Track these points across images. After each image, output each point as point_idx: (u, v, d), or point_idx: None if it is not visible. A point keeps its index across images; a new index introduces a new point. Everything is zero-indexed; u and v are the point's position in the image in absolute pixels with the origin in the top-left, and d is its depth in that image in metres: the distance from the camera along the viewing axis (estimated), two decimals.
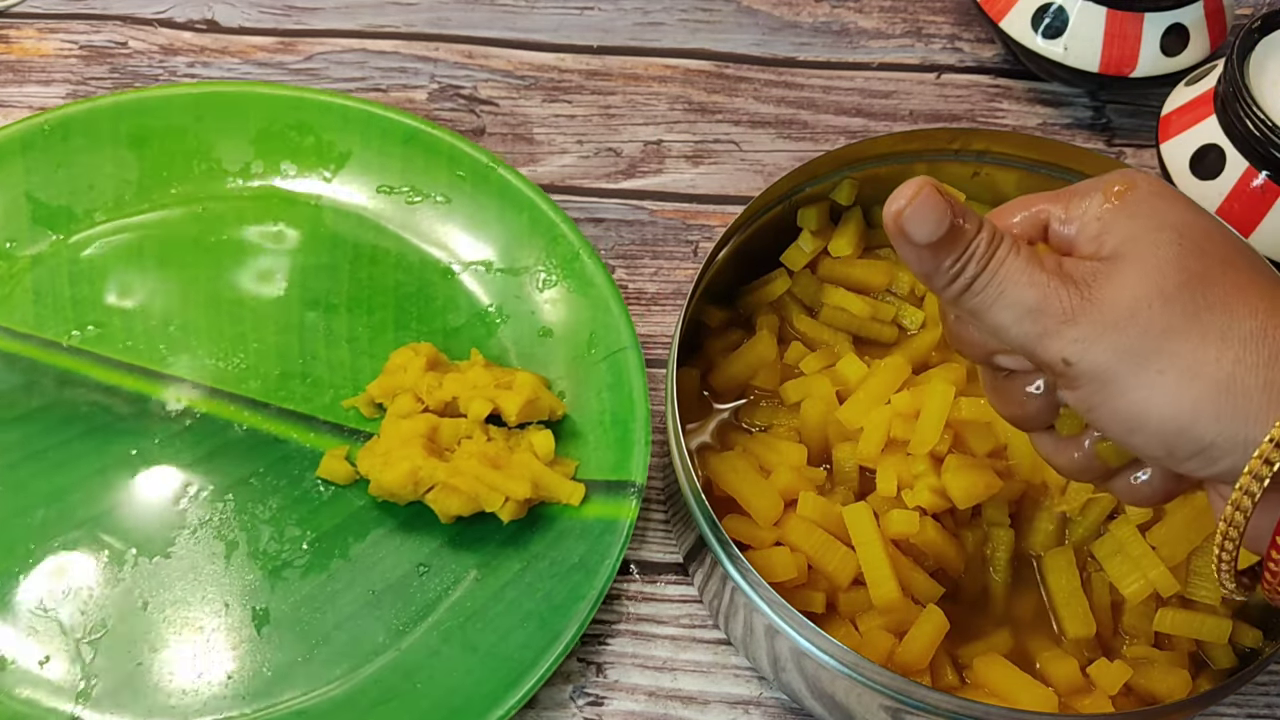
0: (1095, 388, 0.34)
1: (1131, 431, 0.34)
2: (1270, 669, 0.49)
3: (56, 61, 0.66)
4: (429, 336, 0.55)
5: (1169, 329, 0.32)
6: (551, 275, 0.56)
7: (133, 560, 0.49)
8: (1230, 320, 0.32)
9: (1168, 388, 0.32)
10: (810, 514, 0.46)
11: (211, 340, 0.54)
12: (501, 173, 0.57)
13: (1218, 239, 0.34)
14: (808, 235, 0.53)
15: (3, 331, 0.54)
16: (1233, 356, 0.32)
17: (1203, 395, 0.32)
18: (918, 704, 0.40)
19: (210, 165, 0.59)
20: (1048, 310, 0.33)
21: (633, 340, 0.52)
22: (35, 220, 0.57)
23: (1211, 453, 0.33)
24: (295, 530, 0.50)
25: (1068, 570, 0.46)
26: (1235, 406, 0.32)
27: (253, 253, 0.57)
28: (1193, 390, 0.32)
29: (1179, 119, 0.58)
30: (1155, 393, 0.32)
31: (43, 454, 0.51)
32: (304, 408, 0.53)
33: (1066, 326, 0.33)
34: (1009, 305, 0.34)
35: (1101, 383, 0.33)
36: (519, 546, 0.49)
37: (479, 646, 0.47)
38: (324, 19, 0.68)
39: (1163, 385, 0.32)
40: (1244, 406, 0.32)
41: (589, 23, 0.69)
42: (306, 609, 0.48)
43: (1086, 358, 0.33)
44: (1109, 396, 0.33)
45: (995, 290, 0.34)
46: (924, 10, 0.71)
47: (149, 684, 0.46)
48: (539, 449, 0.50)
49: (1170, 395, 0.32)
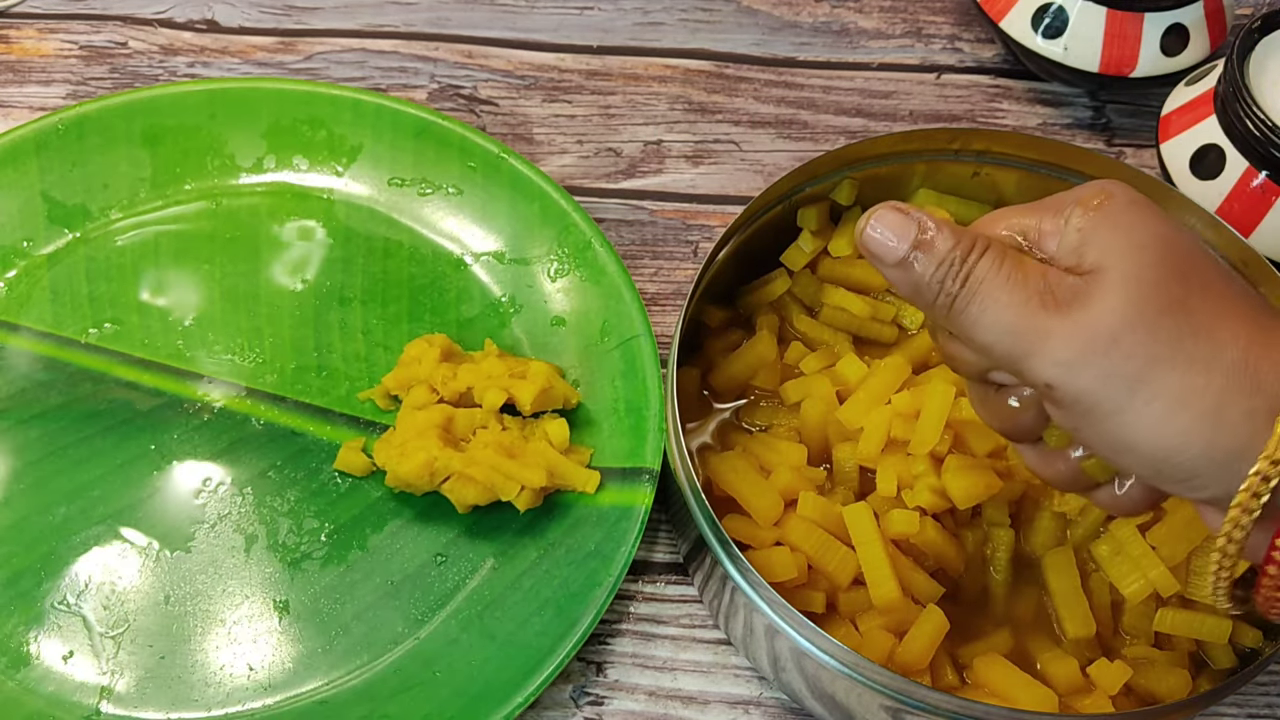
0: (1080, 410, 0.34)
1: (1119, 454, 0.34)
2: (1270, 669, 0.49)
3: (56, 61, 0.66)
4: (443, 328, 0.55)
5: (1155, 358, 0.32)
6: (564, 264, 0.56)
7: (154, 555, 0.49)
8: (1214, 349, 0.32)
9: (1156, 417, 0.32)
10: (810, 514, 0.46)
11: (228, 335, 0.55)
12: (513, 163, 0.57)
13: (1197, 259, 0.34)
14: (808, 235, 0.53)
15: (22, 330, 0.54)
16: (1219, 385, 0.32)
17: (1191, 426, 0.32)
18: (918, 704, 0.40)
19: (223, 161, 0.59)
20: (1028, 331, 0.33)
21: (645, 328, 0.52)
22: (51, 219, 0.57)
23: (1199, 480, 0.33)
24: (314, 522, 0.50)
25: (1068, 570, 0.46)
26: (1222, 436, 0.32)
27: (267, 247, 0.57)
28: (1181, 420, 0.32)
29: (1179, 119, 0.58)
30: (1144, 421, 0.33)
31: (63, 451, 0.51)
32: (320, 401, 0.53)
33: (1049, 348, 0.33)
34: (990, 325, 0.34)
35: (1086, 407, 0.33)
36: (535, 535, 0.49)
37: (497, 634, 0.47)
38: (324, 19, 0.68)
39: (1150, 415, 0.32)
40: (1230, 436, 0.32)
41: (589, 23, 0.69)
42: (326, 600, 0.48)
43: (1070, 383, 0.33)
44: (1095, 420, 0.33)
45: (977, 309, 0.34)
46: (924, 10, 0.71)
47: (172, 677, 0.47)
48: (554, 437, 0.50)
49: (1159, 424, 0.32)
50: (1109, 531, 0.47)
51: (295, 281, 0.56)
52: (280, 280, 0.56)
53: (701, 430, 0.51)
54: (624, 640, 0.49)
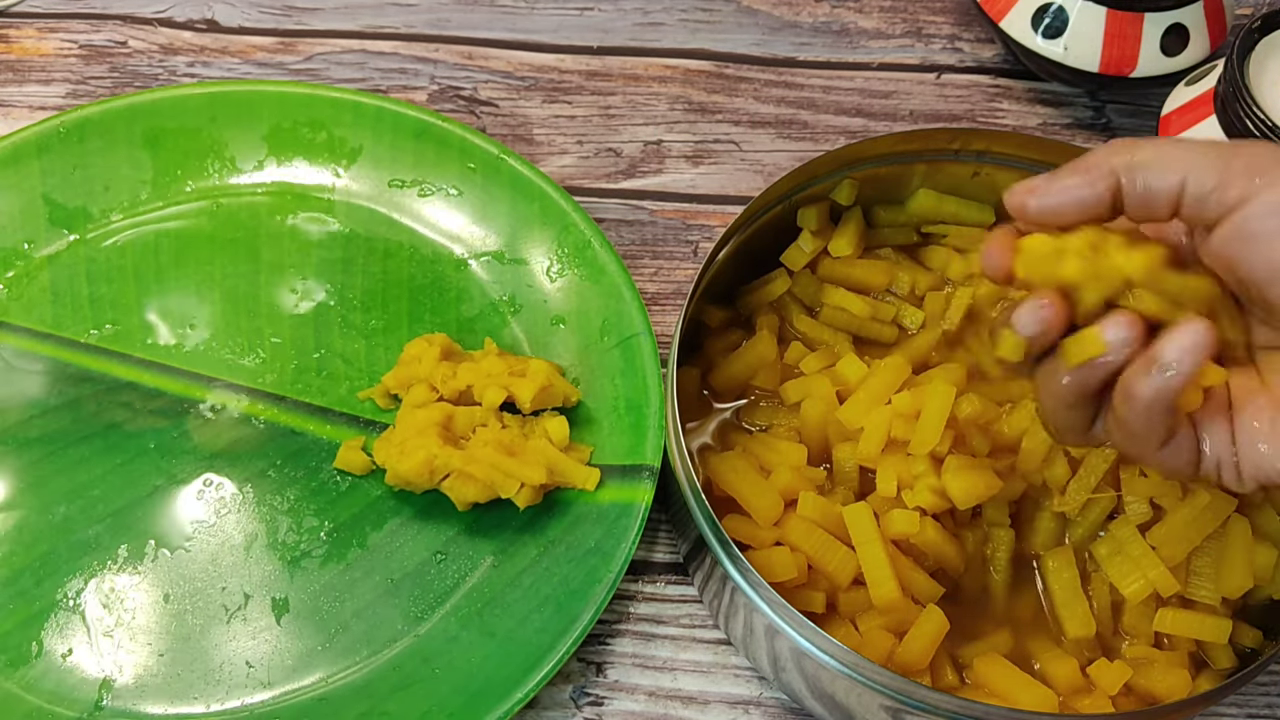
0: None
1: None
2: (1270, 669, 0.49)
3: (56, 61, 0.66)
4: (443, 328, 0.55)
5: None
6: (563, 264, 0.56)
7: (153, 553, 0.49)
8: None
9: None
10: (810, 514, 0.46)
11: (228, 335, 0.55)
12: (512, 163, 0.57)
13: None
14: (808, 235, 0.53)
15: (22, 331, 0.55)
16: None
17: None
18: (918, 704, 0.40)
19: (224, 163, 0.59)
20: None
21: (645, 326, 0.53)
22: (53, 221, 0.57)
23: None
24: (313, 520, 0.50)
25: (1068, 570, 0.46)
26: None
27: (268, 248, 0.57)
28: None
29: (1179, 119, 0.58)
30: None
31: (63, 451, 0.52)
32: (320, 400, 0.53)
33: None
34: None
35: None
36: (535, 532, 0.50)
37: (497, 632, 0.47)
38: (324, 19, 0.68)
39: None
40: None
41: (589, 23, 0.69)
42: (325, 598, 0.49)
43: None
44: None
45: None
46: (924, 10, 0.71)
47: (172, 674, 0.47)
48: (553, 435, 0.50)
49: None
50: (1109, 532, 0.47)
51: (295, 282, 0.57)
52: (280, 281, 0.57)
53: (701, 430, 0.51)
54: (624, 640, 0.49)
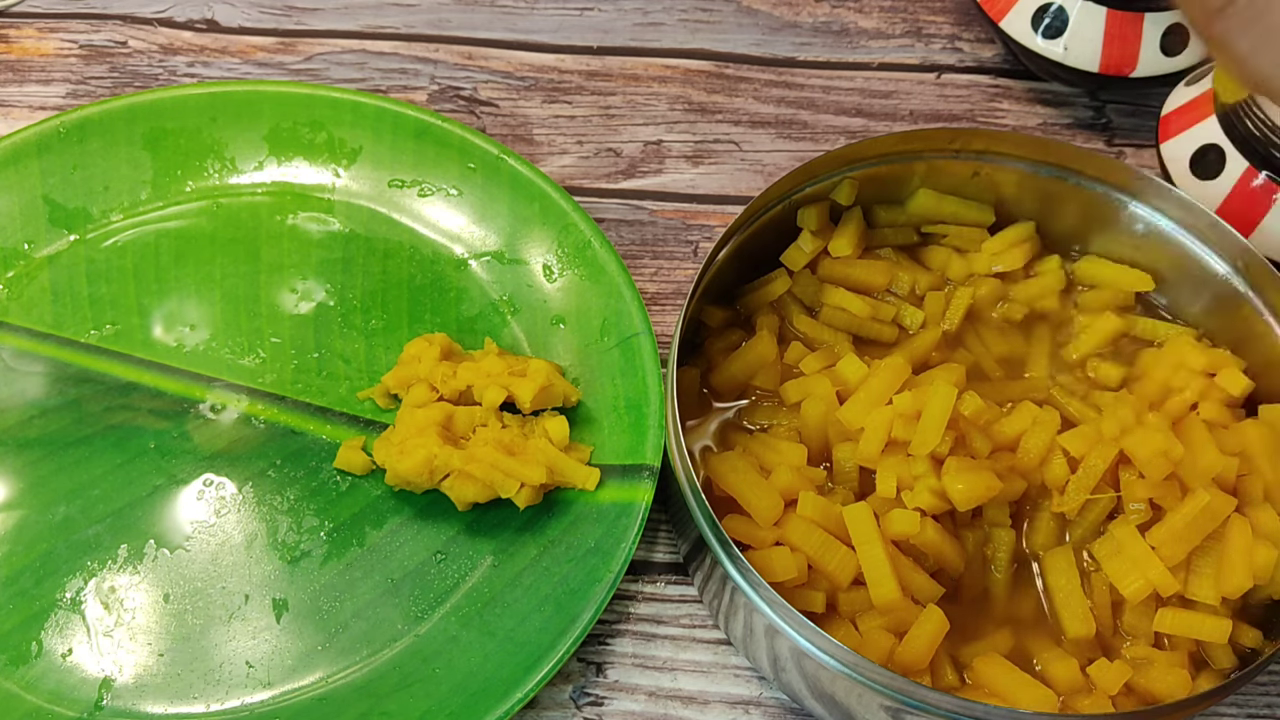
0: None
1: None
2: (1270, 669, 0.49)
3: (56, 61, 0.66)
4: (443, 328, 0.55)
5: None
6: (563, 264, 0.56)
7: (153, 553, 0.49)
8: None
9: None
10: (810, 514, 0.46)
11: (228, 335, 0.55)
12: (512, 163, 0.57)
13: None
14: (808, 235, 0.53)
15: (22, 331, 0.55)
16: None
17: None
18: (918, 704, 0.40)
19: (224, 163, 0.59)
20: None
21: (645, 326, 0.53)
22: (53, 222, 0.57)
23: None
24: (313, 520, 0.50)
25: (1068, 570, 0.46)
26: None
27: (268, 249, 0.57)
28: None
29: (1179, 119, 0.58)
30: None
31: (63, 450, 0.52)
32: (320, 400, 0.54)
33: None
34: None
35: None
36: (535, 532, 0.50)
37: (497, 631, 0.47)
38: (324, 19, 0.68)
39: None
40: None
41: (589, 23, 0.69)
42: (325, 598, 0.49)
43: None
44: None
45: None
46: (924, 10, 0.71)
47: (172, 674, 0.47)
48: (553, 435, 0.50)
49: None
50: (1109, 531, 0.47)
51: (295, 282, 0.57)
52: (280, 281, 0.57)
53: (701, 430, 0.51)
54: (624, 640, 0.49)
